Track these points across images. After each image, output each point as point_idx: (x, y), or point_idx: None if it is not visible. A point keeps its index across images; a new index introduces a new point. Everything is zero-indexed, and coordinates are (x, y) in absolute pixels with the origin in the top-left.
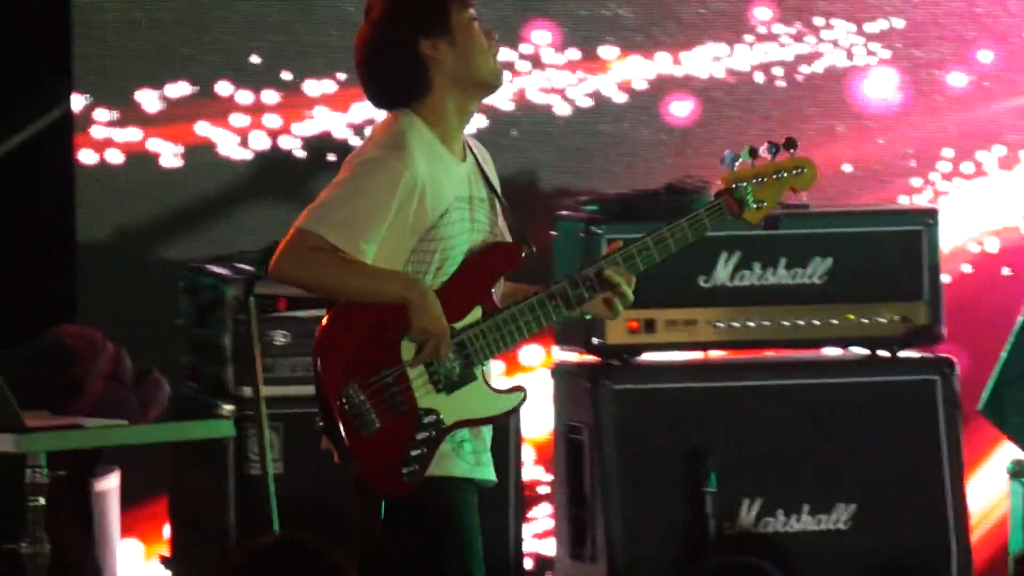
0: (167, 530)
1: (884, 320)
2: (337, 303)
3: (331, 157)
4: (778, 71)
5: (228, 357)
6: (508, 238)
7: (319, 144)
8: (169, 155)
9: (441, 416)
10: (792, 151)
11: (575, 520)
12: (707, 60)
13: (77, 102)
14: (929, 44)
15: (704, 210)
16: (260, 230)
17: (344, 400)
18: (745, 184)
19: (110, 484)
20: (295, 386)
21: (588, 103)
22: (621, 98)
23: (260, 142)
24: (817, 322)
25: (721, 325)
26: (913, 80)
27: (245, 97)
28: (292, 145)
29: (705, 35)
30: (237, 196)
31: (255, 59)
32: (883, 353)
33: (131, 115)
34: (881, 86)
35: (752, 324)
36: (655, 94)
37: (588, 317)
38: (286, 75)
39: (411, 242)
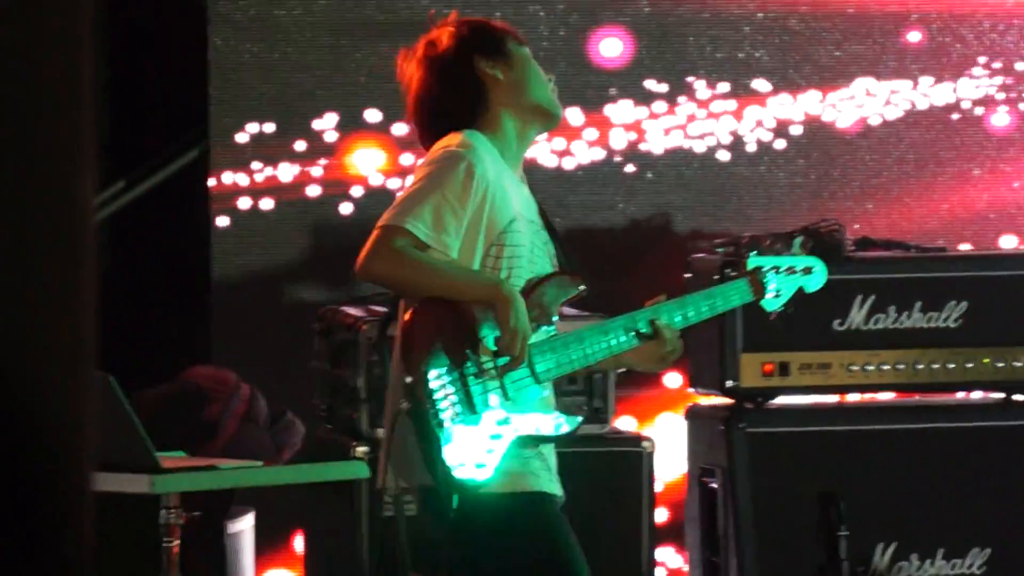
0: (302, 572)
1: (1020, 364)
2: (418, 301)
3: None
4: (914, 115)
5: (362, 399)
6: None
7: None
8: (304, 195)
9: (511, 422)
10: (807, 250)
11: (709, 564)
12: (842, 103)
13: (213, 143)
14: None
15: (729, 288)
16: None
17: (429, 383)
18: (769, 271)
19: (244, 525)
20: None
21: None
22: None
23: (395, 183)
24: (952, 366)
25: (856, 368)
26: None
27: (383, 139)
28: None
29: (840, 77)
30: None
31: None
32: (1019, 397)
33: (267, 154)
34: (1012, 127)
35: (887, 368)
36: (794, 137)
37: (626, 368)
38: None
39: (483, 245)
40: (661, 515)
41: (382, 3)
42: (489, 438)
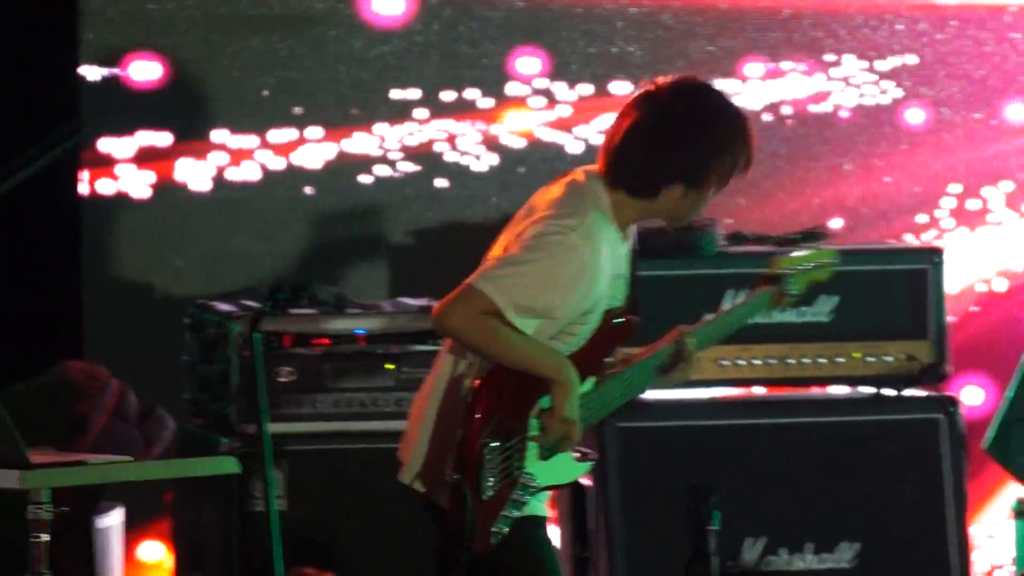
0: (170, 567)
1: (890, 358)
2: (490, 368)
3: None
4: (786, 109)
5: (233, 394)
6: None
7: (329, 181)
8: (174, 191)
9: (537, 480)
10: (821, 242)
11: (579, 560)
12: None
13: (84, 138)
14: (936, 82)
15: (757, 302)
16: (267, 267)
17: (484, 462)
18: (791, 275)
19: (113, 521)
20: (300, 423)
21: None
22: None
23: (268, 179)
24: (823, 360)
25: (727, 363)
26: (919, 120)
27: (251, 135)
28: (301, 182)
29: (712, 74)
30: (244, 233)
31: (265, 94)
32: (888, 392)
33: (138, 151)
34: (888, 123)
35: (758, 362)
36: None
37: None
38: (296, 110)
39: (559, 326)
40: None
41: None
42: (516, 496)
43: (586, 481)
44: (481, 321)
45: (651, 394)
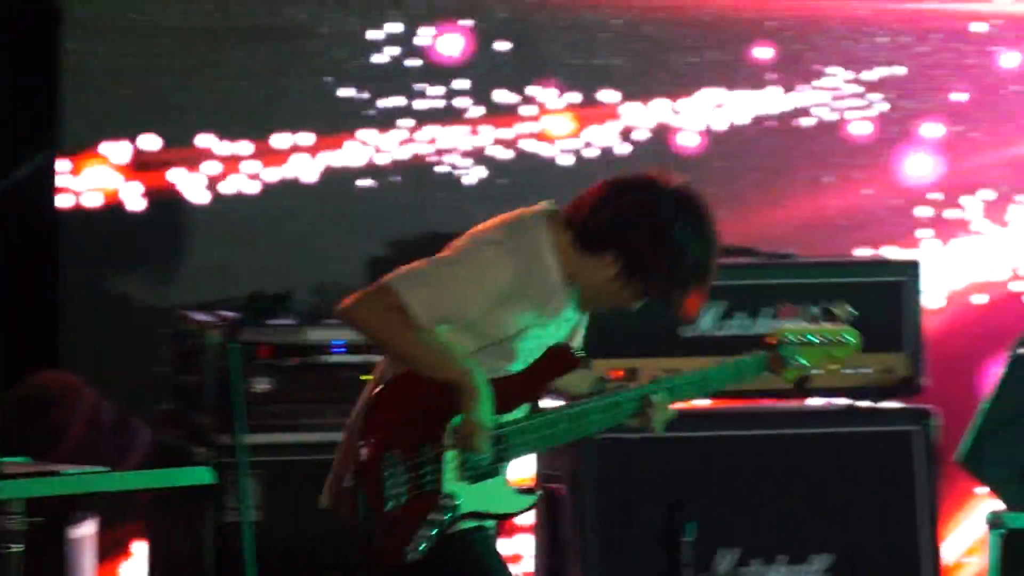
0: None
1: (867, 370)
2: (396, 371)
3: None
4: (768, 122)
5: (209, 404)
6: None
7: (300, 192)
8: (154, 202)
9: (460, 503)
10: (845, 321)
11: (550, 571)
12: (695, 109)
13: (62, 150)
14: (918, 95)
15: (748, 361)
16: (244, 278)
17: (383, 468)
18: (793, 343)
19: (86, 531)
20: (276, 433)
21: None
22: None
23: (242, 191)
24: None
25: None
26: (902, 131)
27: (225, 147)
28: (282, 192)
29: (695, 84)
30: (220, 243)
31: (235, 108)
32: (864, 404)
33: (118, 162)
34: (869, 137)
35: None
36: (643, 143)
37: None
38: (264, 124)
39: (484, 340)
40: None
41: (244, 7)
42: (433, 516)
43: (561, 490)
44: (387, 316)
45: None
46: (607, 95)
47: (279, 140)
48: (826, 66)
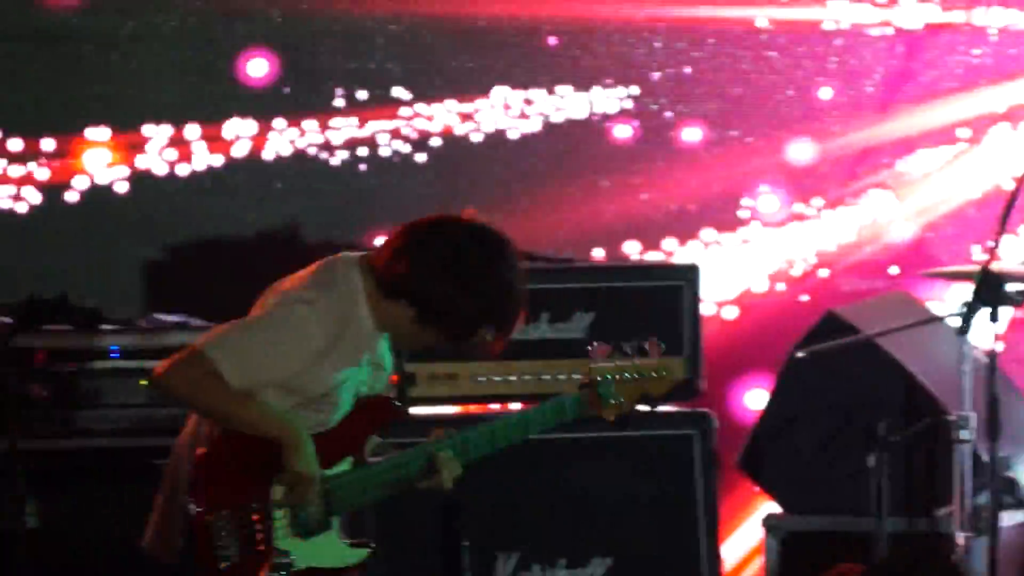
0: None
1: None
2: (218, 431)
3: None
4: (543, 126)
5: None
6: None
7: (95, 194)
8: None
9: (294, 559)
10: (657, 354)
11: None
12: (473, 115)
13: None
14: (693, 100)
15: (566, 402)
16: (23, 282)
17: (211, 527)
18: (609, 380)
19: None
20: (52, 440)
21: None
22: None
23: (31, 193)
24: (578, 376)
25: (483, 379)
26: (676, 137)
27: (16, 144)
28: (56, 195)
29: (472, 89)
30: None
31: (32, 109)
32: (642, 407)
33: None
34: (645, 141)
35: (514, 378)
36: (428, 148)
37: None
38: (63, 124)
39: (303, 395)
40: None
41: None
42: (267, 574)
43: None
44: (202, 383)
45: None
46: (391, 96)
47: (48, 144)
48: (602, 70)
